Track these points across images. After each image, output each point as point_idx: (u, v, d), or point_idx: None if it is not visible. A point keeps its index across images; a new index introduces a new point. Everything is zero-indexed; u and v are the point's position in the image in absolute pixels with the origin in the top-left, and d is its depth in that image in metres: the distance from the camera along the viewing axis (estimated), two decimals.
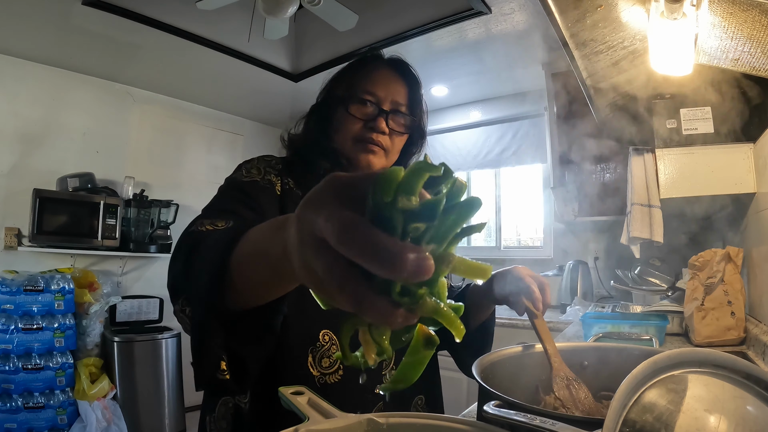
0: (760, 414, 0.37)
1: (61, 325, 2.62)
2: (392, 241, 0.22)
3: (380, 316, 0.24)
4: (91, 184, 2.97)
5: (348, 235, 0.23)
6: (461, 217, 0.25)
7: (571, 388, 0.62)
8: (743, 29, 0.87)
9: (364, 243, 0.22)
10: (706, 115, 1.32)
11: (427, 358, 0.28)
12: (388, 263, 0.22)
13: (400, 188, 0.24)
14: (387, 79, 0.82)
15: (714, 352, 0.40)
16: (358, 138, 0.79)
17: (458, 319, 0.26)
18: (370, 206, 0.24)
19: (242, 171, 0.81)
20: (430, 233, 0.24)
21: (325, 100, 0.86)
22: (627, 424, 0.34)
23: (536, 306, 0.72)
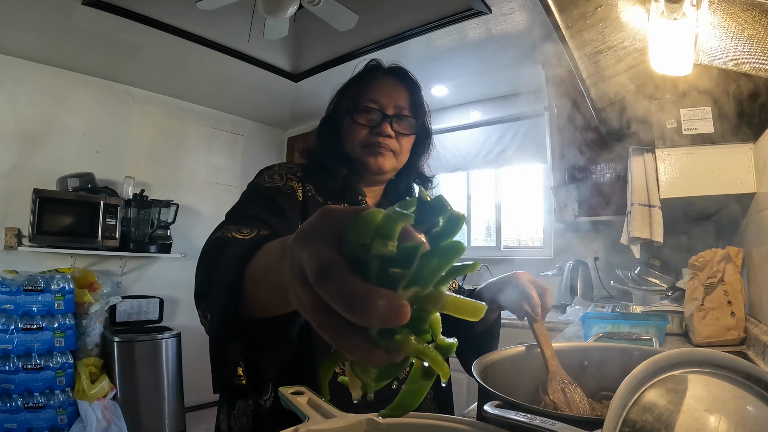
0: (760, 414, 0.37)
1: (61, 325, 2.62)
2: (363, 287, 0.22)
3: (359, 355, 0.24)
4: (91, 184, 2.97)
5: (323, 277, 0.23)
6: (444, 261, 0.24)
7: (566, 392, 0.62)
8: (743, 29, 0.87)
9: (336, 287, 0.23)
10: (706, 115, 1.31)
11: (427, 387, 0.28)
12: (355, 309, 0.22)
13: (377, 233, 0.24)
14: (388, 86, 0.87)
15: (714, 352, 0.40)
16: (366, 143, 0.85)
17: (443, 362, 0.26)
18: (347, 248, 0.24)
19: (264, 177, 0.84)
20: (408, 277, 0.24)
21: (333, 113, 0.91)
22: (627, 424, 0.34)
23: (535, 311, 0.74)
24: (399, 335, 0.24)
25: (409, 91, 0.89)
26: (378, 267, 0.24)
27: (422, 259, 0.23)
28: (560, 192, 2.49)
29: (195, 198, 3.65)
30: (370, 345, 0.24)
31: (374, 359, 0.24)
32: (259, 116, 4.06)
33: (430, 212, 0.26)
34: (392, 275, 0.23)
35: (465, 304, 0.26)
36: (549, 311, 0.76)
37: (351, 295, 0.22)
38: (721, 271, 1.26)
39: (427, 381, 0.28)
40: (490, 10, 2.20)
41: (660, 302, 1.64)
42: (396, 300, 0.22)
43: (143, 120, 3.42)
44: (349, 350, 0.24)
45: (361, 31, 2.40)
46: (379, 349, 0.24)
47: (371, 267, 0.24)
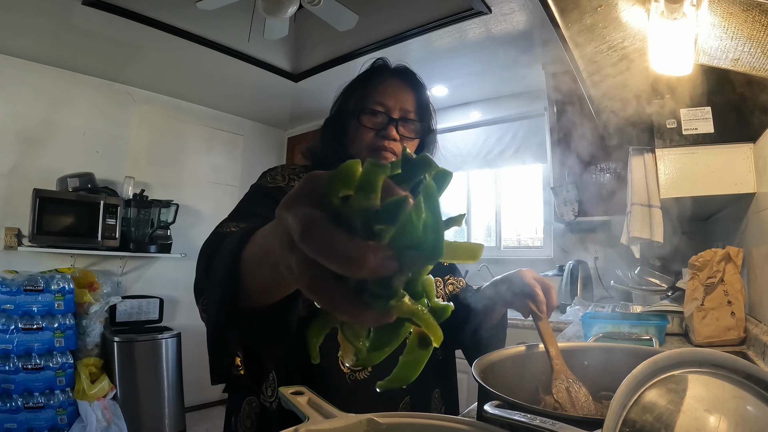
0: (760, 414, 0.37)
1: (61, 325, 2.62)
2: (349, 240, 0.22)
3: (350, 316, 0.24)
4: (91, 184, 2.97)
5: (307, 234, 0.23)
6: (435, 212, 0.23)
7: (571, 391, 0.62)
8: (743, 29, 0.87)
9: (321, 242, 0.22)
10: (706, 115, 1.31)
11: (424, 357, 0.27)
12: (343, 262, 0.22)
13: (358, 186, 0.23)
14: (394, 88, 0.87)
15: (714, 352, 0.40)
16: (372, 147, 0.84)
17: (436, 324, 0.25)
18: (329, 203, 0.24)
19: (267, 178, 0.84)
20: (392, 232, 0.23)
21: (338, 114, 0.91)
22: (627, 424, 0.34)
23: (540, 309, 0.74)
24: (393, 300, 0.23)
25: (416, 94, 0.88)
26: (362, 221, 0.23)
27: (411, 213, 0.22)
28: (560, 192, 2.49)
29: (195, 198, 3.65)
30: (360, 304, 0.23)
31: (365, 319, 0.24)
32: (259, 116, 4.06)
33: (416, 169, 0.25)
34: (379, 231, 0.23)
35: (461, 246, 0.25)
36: (554, 309, 0.76)
37: (337, 247, 0.22)
38: (721, 271, 1.26)
39: (424, 351, 0.27)
40: (490, 10, 2.20)
41: (660, 302, 1.64)
42: (385, 251, 0.22)
43: (143, 120, 3.42)
44: (339, 310, 0.24)
45: (361, 31, 2.40)
46: (369, 308, 0.23)
47: (355, 221, 0.23)
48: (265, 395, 0.74)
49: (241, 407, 0.76)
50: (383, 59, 0.93)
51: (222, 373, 0.48)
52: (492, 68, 2.85)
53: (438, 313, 0.26)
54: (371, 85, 0.87)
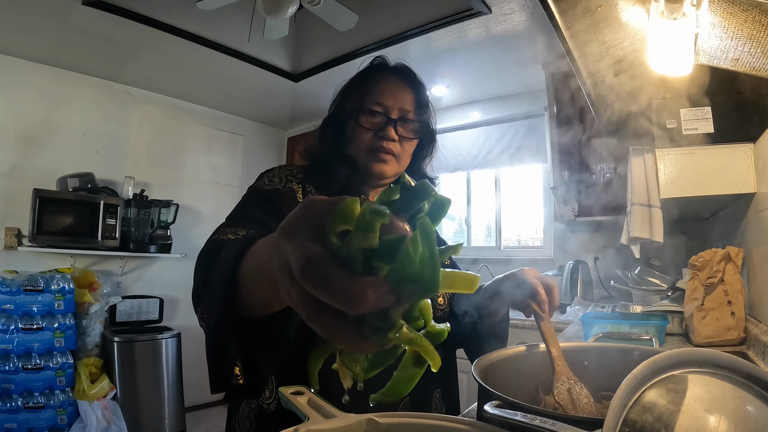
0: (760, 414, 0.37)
1: (61, 325, 2.62)
2: (348, 279, 0.22)
3: (350, 346, 0.25)
4: (91, 184, 2.97)
5: (307, 271, 0.23)
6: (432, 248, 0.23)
7: (572, 392, 0.62)
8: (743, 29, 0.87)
9: (320, 280, 0.23)
10: (706, 115, 1.31)
11: (418, 375, 0.28)
12: (343, 300, 0.22)
13: (357, 227, 0.23)
14: (393, 87, 0.86)
15: (714, 352, 0.40)
16: (370, 147, 0.83)
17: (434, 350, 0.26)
18: (329, 241, 0.24)
19: (264, 180, 0.83)
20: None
21: (336, 113, 0.90)
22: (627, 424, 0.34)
23: (542, 308, 0.73)
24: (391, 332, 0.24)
25: (415, 93, 0.87)
26: (361, 258, 0.23)
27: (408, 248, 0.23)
28: (560, 192, 2.49)
29: (195, 198, 3.65)
30: (359, 335, 0.24)
31: (364, 348, 0.25)
32: (259, 116, 4.06)
33: (415, 197, 0.25)
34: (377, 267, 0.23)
35: (458, 276, 0.25)
36: (556, 308, 0.75)
37: (336, 286, 0.22)
38: (721, 271, 1.26)
39: (418, 369, 0.28)
40: (490, 10, 2.20)
41: (660, 302, 1.64)
42: (383, 286, 0.22)
43: (143, 120, 3.42)
44: (338, 340, 0.24)
45: (361, 31, 2.40)
46: (369, 338, 0.24)
47: (355, 258, 0.23)
48: (263, 397, 0.74)
49: (240, 409, 0.76)
50: (382, 57, 0.91)
51: (221, 382, 0.48)
52: (492, 68, 2.85)
53: (434, 337, 0.27)
54: (370, 85, 0.86)
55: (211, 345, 0.47)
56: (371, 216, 0.23)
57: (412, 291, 0.23)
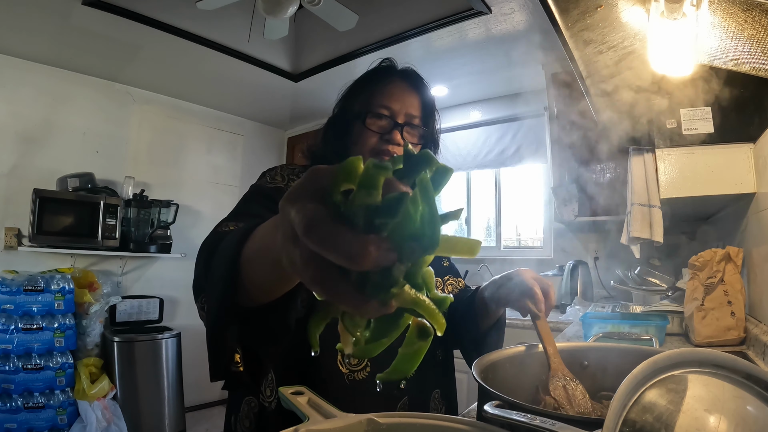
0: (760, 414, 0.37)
1: (61, 325, 2.62)
2: (351, 236, 0.23)
3: (352, 307, 0.25)
4: (91, 184, 2.97)
5: (311, 229, 0.24)
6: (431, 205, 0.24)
7: (568, 389, 0.62)
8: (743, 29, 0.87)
9: (324, 238, 0.23)
10: (706, 115, 1.31)
11: (423, 349, 0.28)
12: (346, 257, 0.22)
13: (360, 184, 0.24)
14: (401, 92, 0.86)
15: (714, 352, 0.40)
16: (375, 150, 0.83)
17: (438, 312, 0.26)
18: (332, 199, 0.25)
19: (266, 178, 0.83)
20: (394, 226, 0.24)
21: (341, 113, 0.89)
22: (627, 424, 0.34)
23: (538, 308, 0.73)
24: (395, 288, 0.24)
25: (421, 98, 0.88)
26: (363, 216, 0.24)
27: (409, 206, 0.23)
28: (560, 192, 2.49)
29: (195, 198, 3.65)
30: (362, 295, 0.24)
31: (367, 309, 0.24)
32: (259, 116, 4.06)
33: (417, 165, 0.25)
34: (379, 225, 0.23)
35: (459, 241, 0.25)
36: (552, 308, 0.76)
37: (339, 243, 0.23)
38: (721, 271, 1.26)
39: (423, 342, 0.27)
40: (490, 10, 2.20)
41: (660, 302, 1.64)
42: (385, 243, 0.23)
43: (143, 120, 3.41)
44: (341, 301, 0.25)
45: (361, 31, 2.40)
46: (371, 299, 0.24)
47: (357, 216, 0.24)
48: (263, 395, 0.74)
49: (240, 407, 0.76)
50: (390, 60, 0.91)
51: (221, 369, 0.48)
52: (492, 68, 2.85)
53: (437, 304, 0.26)
54: (377, 87, 0.86)
55: (211, 331, 0.47)
56: (375, 171, 0.24)
57: (413, 248, 0.23)
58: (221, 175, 3.88)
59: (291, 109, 3.83)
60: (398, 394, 0.76)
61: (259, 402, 0.74)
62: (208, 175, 3.80)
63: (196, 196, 3.66)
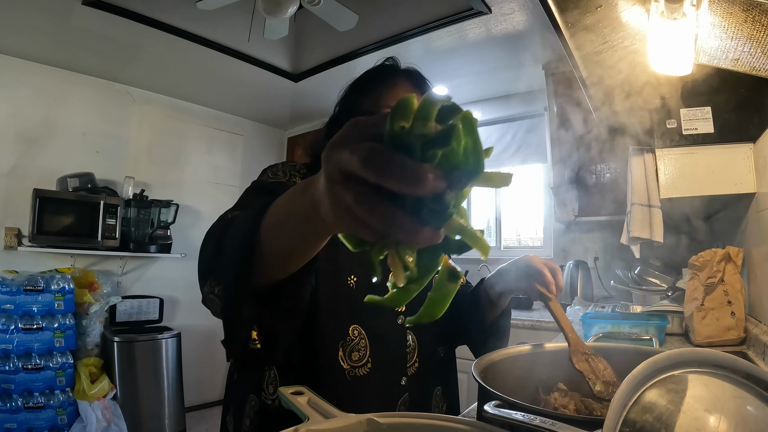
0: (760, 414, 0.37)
1: (61, 325, 2.62)
2: (412, 162, 0.25)
3: (408, 233, 0.26)
4: (91, 184, 2.97)
5: (372, 159, 0.25)
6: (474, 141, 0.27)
7: (590, 361, 0.64)
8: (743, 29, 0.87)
9: (388, 164, 0.25)
10: (706, 115, 1.31)
11: (452, 292, 0.30)
12: (410, 180, 0.24)
13: (417, 115, 0.26)
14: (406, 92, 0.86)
15: (714, 352, 0.40)
16: None
17: (482, 237, 0.28)
18: (389, 134, 0.26)
19: (268, 174, 0.84)
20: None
21: (346, 112, 0.89)
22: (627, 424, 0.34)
23: (549, 290, 0.76)
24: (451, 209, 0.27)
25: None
26: (419, 146, 0.26)
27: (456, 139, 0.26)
28: (560, 192, 2.49)
29: (195, 198, 3.65)
30: (416, 222, 0.26)
31: (422, 236, 0.26)
32: (259, 116, 4.06)
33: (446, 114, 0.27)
34: (430, 156, 0.26)
35: (494, 174, 0.27)
36: (562, 290, 0.78)
37: (401, 169, 0.24)
38: (721, 271, 1.26)
39: (453, 285, 0.29)
40: (490, 10, 2.20)
41: (660, 302, 1.64)
42: (438, 171, 0.25)
43: (143, 120, 3.41)
44: (399, 229, 0.26)
45: (361, 31, 2.40)
46: (425, 226, 0.26)
47: (414, 148, 0.26)
48: (266, 393, 0.73)
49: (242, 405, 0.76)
50: (393, 59, 0.92)
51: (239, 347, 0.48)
52: (492, 68, 2.85)
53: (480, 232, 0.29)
54: (382, 87, 0.86)
55: (226, 308, 0.47)
56: (429, 101, 0.26)
57: (461, 177, 0.26)
58: (221, 175, 3.88)
59: (291, 109, 3.83)
60: (399, 391, 0.77)
61: (261, 400, 0.74)
62: (208, 175, 3.80)
63: (196, 196, 3.66)
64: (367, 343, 0.75)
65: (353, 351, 0.74)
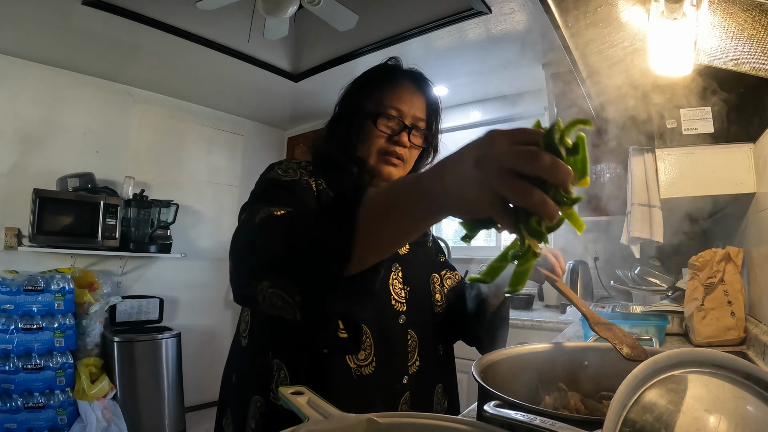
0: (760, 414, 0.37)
1: (61, 325, 2.62)
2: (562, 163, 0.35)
3: (548, 209, 0.35)
4: (91, 184, 2.97)
5: (538, 158, 0.34)
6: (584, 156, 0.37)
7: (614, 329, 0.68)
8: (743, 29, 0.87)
9: (551, 161, 0.34)
10: (706, 115, 1.31)
11: (531, 267, 0.39)
12: (563, 174, 0.34)
13: (564, 133, 0.37)
14: (410, 93, 0.87)
15: (714, 352, 0.40)
16: (383, 151, 0.84)
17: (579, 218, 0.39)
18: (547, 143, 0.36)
19: (278, 171, 0.81)
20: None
21: (350, 111, 0.88)
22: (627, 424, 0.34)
23: (555, 272, 0.80)
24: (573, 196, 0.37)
25: (427, 101, 0.89)
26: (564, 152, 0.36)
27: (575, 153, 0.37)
28: None
29: (195, 198, 3.64)
30: (554, 204, 0.35)
31: (553, 213, 0.35)
32: (259, 116, 4.06)
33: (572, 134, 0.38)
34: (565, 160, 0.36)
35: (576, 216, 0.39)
36: (565, 271, 0.82)
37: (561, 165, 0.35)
38: (721, 271, 1.26)
39: (533, 260, 0.38)
40: (490, 10, 2.19)
41: (660, 302, 1.64)
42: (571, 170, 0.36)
43: (143, 120, 3.41)
44: (543, 205, 0.34)
45: (361, 31, 2.40)
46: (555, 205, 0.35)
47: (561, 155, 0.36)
48: (275, 394, 0.73)
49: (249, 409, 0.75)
50: (396, 59, 0.92)
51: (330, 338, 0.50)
52: (492, 68, 2.85)
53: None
54: (387, 88, 0.86)
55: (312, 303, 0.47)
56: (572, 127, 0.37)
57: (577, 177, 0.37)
58: (221, 175, 3.88)
59: (291, 109, 3.83)
60: (401, 389, 0.77)
61: (267, 401, 0.73)
62: (208, 175, 3.80)
63: (196, 196, 3.66)
64: (372, 342, 0.75)
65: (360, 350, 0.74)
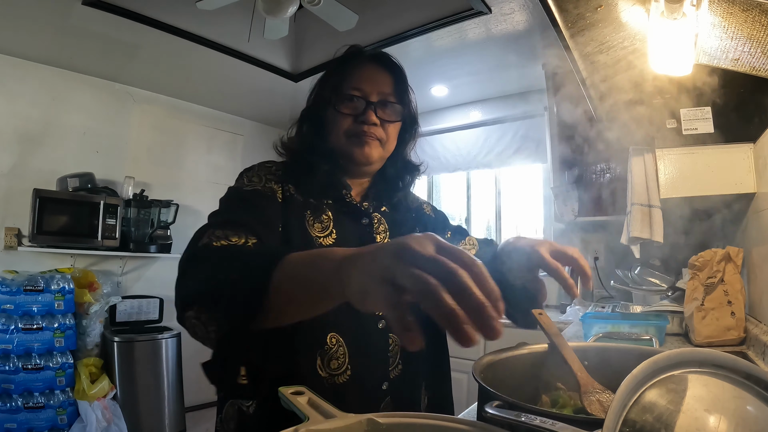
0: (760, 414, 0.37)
1: (61, 325, 2.62)
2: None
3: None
4: (91, 184, 2.97)
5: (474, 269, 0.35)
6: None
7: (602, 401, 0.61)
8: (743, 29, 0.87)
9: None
10: (706, 115, 1.31)
11: None
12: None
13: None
14: (371, 72, 0.84)
15: (714, 352, 0.40)
16: (351, 132, 0.81)
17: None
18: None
19: (244, 179, 0.81)
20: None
21: (314, 103, 0.87)
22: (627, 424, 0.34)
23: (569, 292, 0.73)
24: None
25: (394, 77, 0.85)
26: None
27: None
28: (560, 192, 2.49)
29: (195, 198, 3.64)
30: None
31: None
32: (259, 116, 4.06)
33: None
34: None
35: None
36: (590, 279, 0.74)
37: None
38: (721, 271, 1.26)
39: None
40: (490, 10, 2.20)
41: (660, 302, 1.64)
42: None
43: (143, 120, 3.41)
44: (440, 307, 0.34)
45: (361, 31, 2.40)
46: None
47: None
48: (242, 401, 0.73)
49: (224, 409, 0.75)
50: (357, 46, 0.89)
51: (228, 382, 0.50)
52: (492, 68, 2.85)
53: None
54: (347, 72, 0.83)
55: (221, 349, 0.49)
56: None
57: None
58: (221, 175, 3.87)
59: (291, 109, 3.82)
60: (381, 395, 0.74)
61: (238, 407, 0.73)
62: (208, 174, 3.80)
63: (196, 196, 3.66)
64: (345, 350, 0.72)
65: (332, 359, 0.71)
